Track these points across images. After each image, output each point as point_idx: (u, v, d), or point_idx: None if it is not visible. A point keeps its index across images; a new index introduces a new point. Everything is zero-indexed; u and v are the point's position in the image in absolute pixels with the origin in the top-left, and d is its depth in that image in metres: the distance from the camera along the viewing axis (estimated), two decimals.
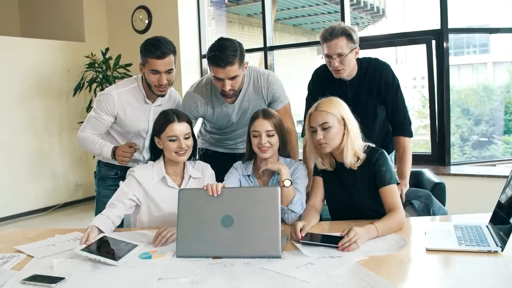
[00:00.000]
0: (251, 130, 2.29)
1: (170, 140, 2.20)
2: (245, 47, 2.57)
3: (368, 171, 2.12)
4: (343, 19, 4.69)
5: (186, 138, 2.22)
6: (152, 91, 2.54)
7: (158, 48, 2.40)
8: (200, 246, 1.85)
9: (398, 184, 2.11)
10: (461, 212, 2.65)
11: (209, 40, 5.86)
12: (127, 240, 1.94)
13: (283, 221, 2.22)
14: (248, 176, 2.35)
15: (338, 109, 2.10)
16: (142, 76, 2.57)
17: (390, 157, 2.72)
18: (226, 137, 2.81)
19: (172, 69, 2.48)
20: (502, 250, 1.63)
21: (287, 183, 2.18)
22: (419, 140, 5.64)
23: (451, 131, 4.38)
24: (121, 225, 2.38)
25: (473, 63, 6.20)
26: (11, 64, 5.31)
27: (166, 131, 2.20)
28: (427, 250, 1.70)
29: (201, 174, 2.35)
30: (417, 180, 3.05)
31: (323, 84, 2.64)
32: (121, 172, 2.69)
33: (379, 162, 2.10)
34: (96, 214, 2.67)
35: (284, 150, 2.35)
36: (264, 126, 2.24)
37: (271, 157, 2.29)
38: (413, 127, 2.67)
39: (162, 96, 2.59)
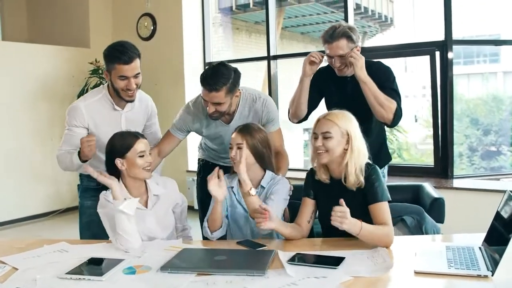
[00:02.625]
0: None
1: (140, 156, 2.19)
2: (252, 55, 2.64)
3: (361, 189, 2.06)
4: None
5: (150, 154, 2.24)
6: (120, 97, 2.49)
7: (125, 53, 2.37)
8: (185, 261, 1.85)
9: (390, 201, 2.07)
10: (461, 228, 2.60)
11: (214, 48, 5.86)
12: (112, 257, 1.92)
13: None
14: (232, 188, 2.34)
15: (345, 123, 2.07)
16: (108, 84, 2.53)
17: (383, 171, 2.69)
18: (223, 156, 2.77)
19: (139, 73, 2.45)
20: (492, 275, 1.58)
21: (252, 191, 2.14)
22: (426, 149, 5.60)
23: (459, 141, 4.33)
24: None
25: (483, 72, 6.16)
26: (18, 69, 5.35)
27: (135, 148, 2.18)
28: (415, 272, 1.65)
29: (164, 188, 2.32)
30: (416, 194, 2.98)
31: (320, 82, 2.67)
32: None
33: (372, 178, 2.05)
34: (80, 225, 2.69)
35: (266, 165, 2.32)
36: (235, 139, 2.26)
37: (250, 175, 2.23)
38: (421, 136, 2.65)
39: (131, 101, 2.54)
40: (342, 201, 1.83)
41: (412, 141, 6.16)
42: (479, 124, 5.39)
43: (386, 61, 4.66)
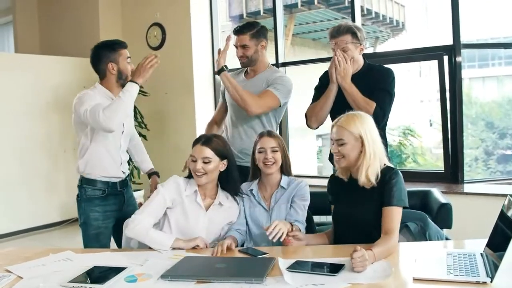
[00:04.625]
0: (256, 147, 2.42)
1: (192, 161, 2.32)
2: None
3: (379, 190, 2.09)
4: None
5: (205, 163, 2.29)
6: (124, 84, 2.60)
7: (120, 41, 2.74)
8: (185, 269, 1.87)
9: (406, 208, 2.10)
10: (471, 234, 2.57)
11: None
12: (116, 265, 1.94)
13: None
14: (251, 190, 2.45)
15: (357, 127, 2.11)
16: (105, 79, 2.69)
17: None
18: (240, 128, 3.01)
19: None
20: (491, 281, 1.56)
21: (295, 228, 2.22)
22: (441, 154, 5.55)
23: (475, 145, 4.28)
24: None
25: (498, 75, 6.09)
26: (31, 81, 5.42)
27: (192, 151, 2.34)
28: (414, 279, 1.64)
29: (230, 203, 2.41)
30: (425, 200, 2.96)
31: (326, 84, 2.74)
32: (108, 190, 2.70)
33: (392, 181, 2.08)
34: (86, 238, 2.73)
35: (287, 170, 2.45)
36: (269, 142, 2.39)
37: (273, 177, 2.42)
38: (436, 141, 2.66)
39: None
40: (357, 246, 1.77)
41: (427, 145, 6.11)
42: (495, 127, 5.33)
43: (395, 66, 4.66)
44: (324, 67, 2.77)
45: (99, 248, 2.52)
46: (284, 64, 5.24)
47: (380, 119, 2.56)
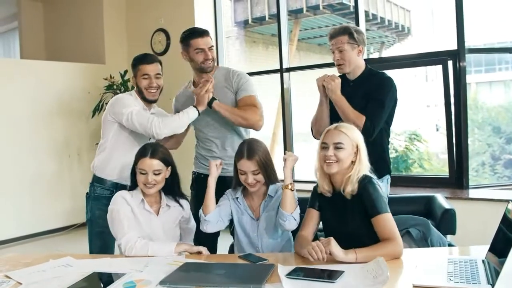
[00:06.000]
0: (237, 167, 2.33)
1: (141, 173, 2.33)
2: (270, 67, 3.11)
3: (359, 199, 2.07)
4: None
5: (156, 174, 2.33)
6: (144, 98, 2.74)
7: (147, 56, 2.77)
8: (184, 275, 1.87)
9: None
10: (475, 239, 2.54)
11: (228, 61, 5.89)
12: (116, 271, 1.94)
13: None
14: (237, 198, 2.40)
15: (355, 136, 2.13)
16: (135, 90, 2.80)
17: (384, 182, 2.65)
18: (209, 143, 2.89)
19: (160, 74, 2.74)
20: None
21: (293, 187, 2.23)
22: (447, 159, 5.53)
23: (481, 150, 4.24)
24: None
25: (505, 80, 6.05)
26: (36, 86, 5.46)
27: (138, 164, 2.34)
28: (414, 286, 1.62)
29: (176, 203, 2.45)
30: (429, 205, 2.94)
31: None
32: (116, 191, 2.69)
33: (367, 191, 2.06)
34: (90, 236, 2.80)
35: (273, 180, 2.37)
36: (249, 167, 2.28)
37: (259, 189, 2.35)
38: (443, 146, 2.63)
39: (154, 101, 2.78)
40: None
41: (434, 150, 6.07)
42: (502, 132, 5.29)
43: (401, 71, 4.67)
44: (329, 72, 2.76)
45: (101, 251, 2.60)
46: (288, 70, 5.23)
47: (370, 133, 2.52)
